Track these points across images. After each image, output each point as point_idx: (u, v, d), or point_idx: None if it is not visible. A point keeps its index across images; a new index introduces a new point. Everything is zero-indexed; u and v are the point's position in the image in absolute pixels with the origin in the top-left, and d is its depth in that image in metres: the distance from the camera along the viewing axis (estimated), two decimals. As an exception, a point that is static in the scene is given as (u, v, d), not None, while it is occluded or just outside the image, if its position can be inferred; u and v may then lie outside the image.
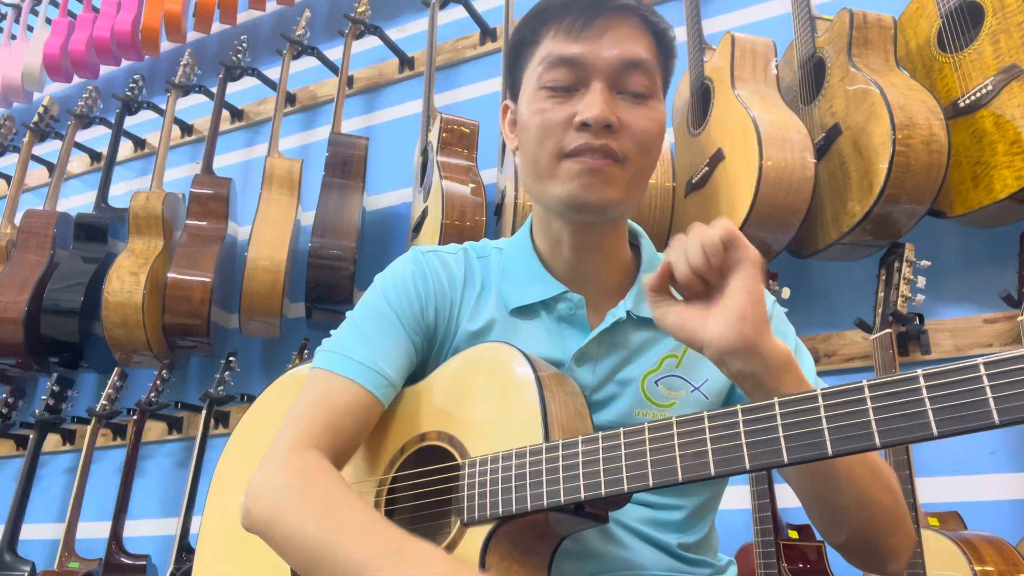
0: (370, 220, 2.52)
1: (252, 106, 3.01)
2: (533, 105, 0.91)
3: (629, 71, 0.89)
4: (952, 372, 0.61)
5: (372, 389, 0.90)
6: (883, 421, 0.63)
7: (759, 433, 0.69)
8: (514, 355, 0.87)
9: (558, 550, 0.86)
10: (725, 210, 1.71)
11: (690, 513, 0.94)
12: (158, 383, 2.46)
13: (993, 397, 0.59)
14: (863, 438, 0.64)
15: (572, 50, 0.88)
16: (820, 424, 0.66)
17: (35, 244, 2.69)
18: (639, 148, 0.89)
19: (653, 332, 0.96)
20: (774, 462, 0.68)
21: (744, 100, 1.73)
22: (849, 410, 0.65)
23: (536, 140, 0.90)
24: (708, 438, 0.71)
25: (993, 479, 1.59)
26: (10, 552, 2.31)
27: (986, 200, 1.50)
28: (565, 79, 0.89)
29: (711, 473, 0.70)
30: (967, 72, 1.58)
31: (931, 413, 0.61)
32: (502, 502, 0.81)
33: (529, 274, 0.98)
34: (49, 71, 3.27)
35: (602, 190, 0.88)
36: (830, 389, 0.67)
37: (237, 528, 0.93)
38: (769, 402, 0.69)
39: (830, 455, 0.65)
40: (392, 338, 0.93)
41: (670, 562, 0.91)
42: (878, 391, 0.64)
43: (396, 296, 0.96)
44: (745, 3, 2.20)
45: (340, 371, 0.90)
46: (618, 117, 0.88)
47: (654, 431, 0.75)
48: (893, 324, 1.54)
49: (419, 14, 2.73)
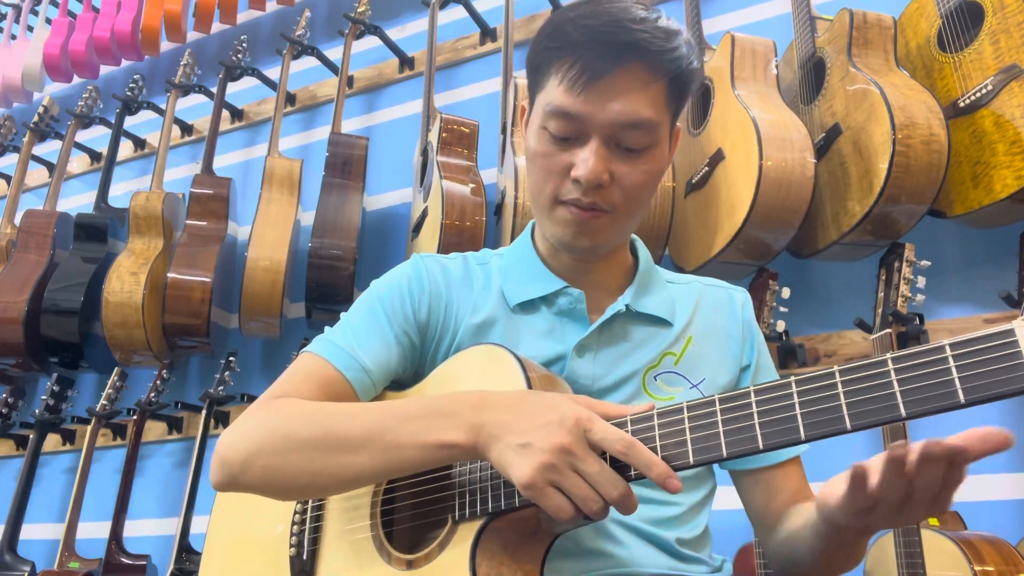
0: (370, 220, 2.52)
1: (252, 106, 3.01)
2: (538, 143, 0.93)
3: (627, 131, 0.89)
4: (919, 354, 0.63)
5: (342, 369, 0.94)
6: (853, 404, 0.65)
7: (742, 420, 0.70)
8: (504, 356, 0.88)
9: (554, 548, 0.86)
10: (725, 210, 1.71)
11: (687, 510, 0.95)
12: (158, 383, 2.46)
13: (959, 377, 0.61)
14: (835, 421, 0.66)
15: (573, 107, 0.88)
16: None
17: (35, 244, 2.69)
18: (629, 199, 0.92)
19: (652, 328, 1.00)
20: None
21: (744, 100, 1.73)
22: (823, 395, 0.67)
23: (537, 178, 0.95)
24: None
25: (993, 479, 1.59)
26: (10, 552, 2.31)
27: (986, 200, 1.50)
28: (565, 131, 0.90)
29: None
30: (967, 72, 1.58)
31: (899, 395, 0.63)
32: (491, 498, 0.82)
33: (531, 272, 1.02)
34: (49, 71, 3.27)
35: (591, 238, 0.94)
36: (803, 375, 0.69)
37: (241, 544, 0.99)
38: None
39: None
40: (376, 331, 0.97)
41: (668, 560, 0.92)
42: (848, 375, 0.66)
43: (388, 295, 1.00)
44: (745, 3, 2.20)
45: (317, 351, 0.96)
46: (611, 172, 0.90)
47: (635, 423, 0.76)
48: (893, 324, 1.54)
49: (419, 14, 2.73)
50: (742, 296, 1.08)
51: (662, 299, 1.02)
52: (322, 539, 0.98)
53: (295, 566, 0.98)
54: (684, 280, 1.09)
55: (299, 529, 1.00)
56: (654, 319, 1.00)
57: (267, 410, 0.89)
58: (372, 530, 0.92)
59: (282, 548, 1.01)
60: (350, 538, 0.95)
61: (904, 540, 1.38)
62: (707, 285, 1.08)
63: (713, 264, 1.74)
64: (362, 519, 0.94)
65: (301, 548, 0.98)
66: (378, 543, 0.91)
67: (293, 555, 0.99)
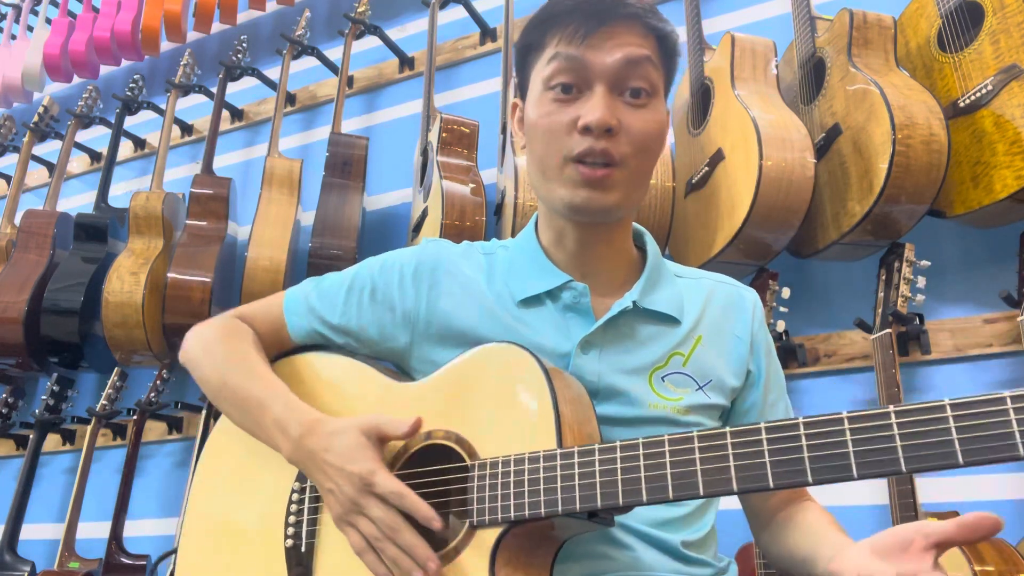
0: (370, 220, 2.52)
1: (252, 106, 3.01)
2: (540, 108, 0.95)
3: (630, 70, 0.92)
4: (921, 411, 0.65)
5: (290, 329, 1.08)
6: (860, 454, 0.67)
7: (783, 452, 0.71)
8: (525, 357, 0.87)
9: (560, 552, 0.86)
10: (725, 210, 1.71)
11: (694, 510, 0.95)
12: (158, 383, 2.46)
13: (959, 439, 0.63)
14: (842, 468, 0.68)
15: (575, 54, 0.92)
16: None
17: (35, 244, 2.68)
18: (638, 150, 0.93)
19: (660, 326, 0.98)
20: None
21: (744, 100, 1.73)
22: (832, 439, 0.69)
23: (542, 142, 0.94)
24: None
25: (993, 479, 1.59)
26: (10, 552, 2.31)
27: (986, 200, 1.50)
28: (569, 79, 0.92)
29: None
30: (967, 72, 1.58)
31: (900, 450, 0.65)
32: (514, 506, 0.80)
33: (534, 267, 1.01)
34: (49, 71, 3.27)
35: (603, 196, 0.93)
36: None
37: (222, 528, 1.02)
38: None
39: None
40: (341, 305, 1.05)
41: (673, 563, 0.92)
42: (855, 424, 0.68)
43: (380, 271, 1.05)
44: (745, 3, 2.20)
45: (287, 300, 1.10)
46: (619, 120, 0.91)
47: (674, 444, 0.75)
48: (893, 324, 1.54)
49: (419, 14, 2.73)
50: (753, 298, 1.07)
51: (671, 296, 1.00)
52: (320, 530, 0.95)
53: (291, 558, 0.95)
54: (694, 275, 1.07)
55: (296, 520, 0.97)
56: (662, 316, 0.98)
57: (220, 328, 1.08)
58: None
59: (275, 538, 0.98)
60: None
61: (904, 540, 1.38)
62: (718, 282, 1.07)
63: (713, 264, 1.74)
64: None
65: (299, 539, 0.96)
66: None
67: (290, 547, 0.96)
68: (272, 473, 1.02)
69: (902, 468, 0.65)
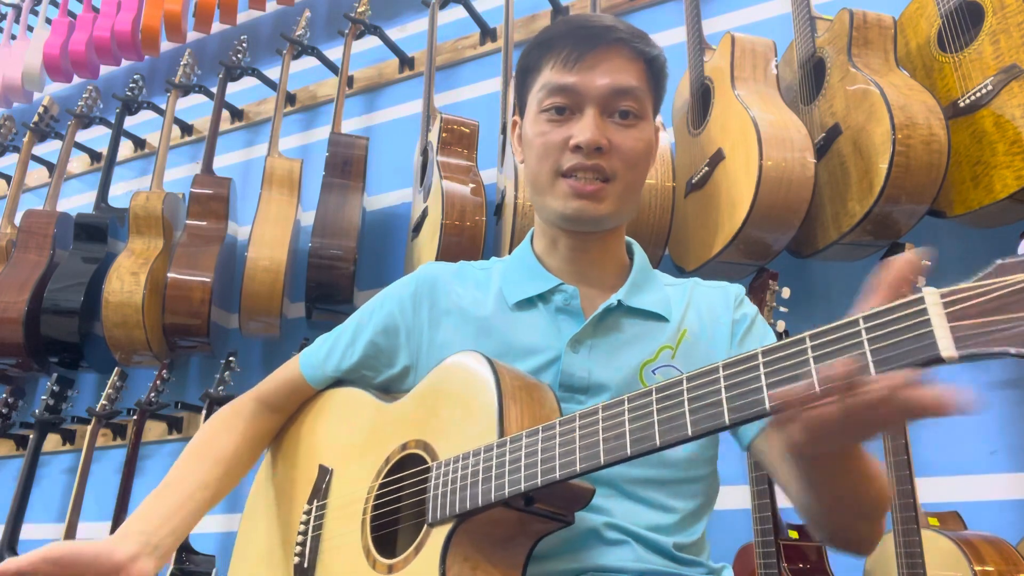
0: (370, 220, 2.52)
1: (252, 106, 3.01)
2: (535, 127, 1.02)
3: (619, 97, 0.98)
4: (833, 330, 0.66)
5: (309, 380, 1.16)
6: (773, 384, 0.67)
7: (675, 408, 0.71)
8: (478, 360, 0.90)
9: (548, 550, 0.87)
10: (725, 210, 1.71)
11: (683, 517, 0.95)
12: (158, 383, 2.46)
13: (871, 349, 0.63)
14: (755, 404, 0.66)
15: (568, 80, 0.98)
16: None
17: (35, 244, 2.69)
18: (627, 166, 0.99)
19: (648, 323, 1.01)
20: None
21: (744, 100, 1.73)
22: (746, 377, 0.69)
23: (537, 159, 1.01)
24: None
25: (993, 479, 1.59)
26: (10, 552, 2.31)
27: (986, 200, 1.50)
28: (562, 102, 0.99)
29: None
30: (967, 72, 1.58)
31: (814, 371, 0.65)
32: (459, 500, 0.83)
33: (528, 272, 1.06)
34: (49, 71, 3.27)
35: (596, 207, 0.98)
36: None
37: (261, 555, 1.11)
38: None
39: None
40: (351, 340, 1.11)
41: (665, 562, 0.92)
42: (769, 355, 0.68)
43: (381, 304, 1.10)
44: (745, 3, 2.20)
45: (301, 358, 1.17)
46: (608, 139, 0.97)
47: (605, 410, 0.76)
48: (893, 324, 1.54)
49: (419, 14, 2.73)
50: (735, 289, 1.09)
51: (658, 297, 1.04)
52: (321, 546, 1.01)
53: (298, 573, 1.02)
54: (681, 282, 1.11)
55: (303, 538, 1.03)
56: (649, 314, 1.02)
57: (216, 417, 1.21)
58: (361, 536, 0.94)
59: (289, 556, 1.05)
60: (345, 545, 0.97)
61: (904, 540, 1.39)
62: (700, 285, 1.10)
63: (713, 264, 1.74)
64: (354, 526, 0.96)
65: (303, 557, 1.02)
66: (365, 549, 0.93)
67: (296, 564, 1.02)
68: (296, 503, 1.11)
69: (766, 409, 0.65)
